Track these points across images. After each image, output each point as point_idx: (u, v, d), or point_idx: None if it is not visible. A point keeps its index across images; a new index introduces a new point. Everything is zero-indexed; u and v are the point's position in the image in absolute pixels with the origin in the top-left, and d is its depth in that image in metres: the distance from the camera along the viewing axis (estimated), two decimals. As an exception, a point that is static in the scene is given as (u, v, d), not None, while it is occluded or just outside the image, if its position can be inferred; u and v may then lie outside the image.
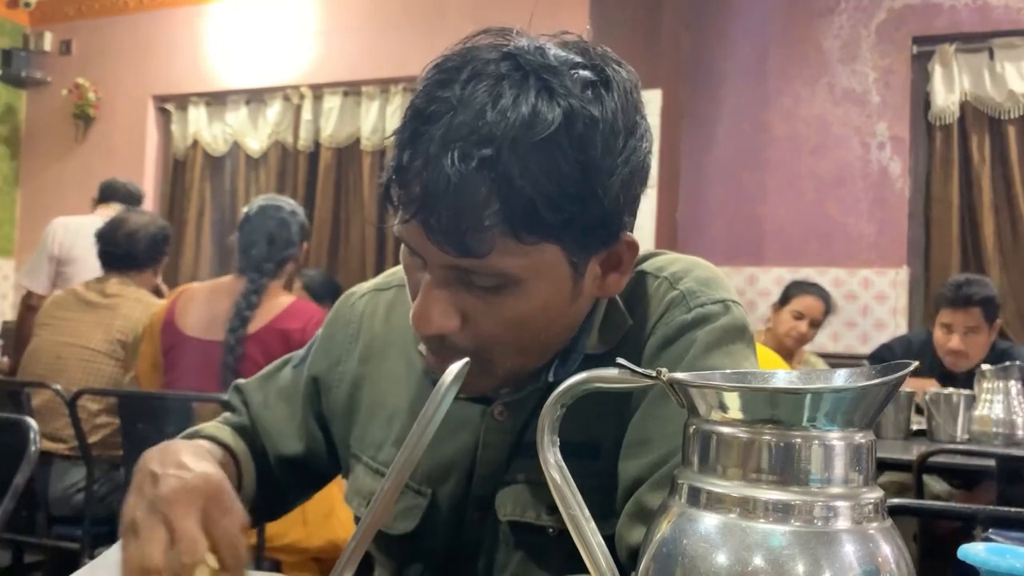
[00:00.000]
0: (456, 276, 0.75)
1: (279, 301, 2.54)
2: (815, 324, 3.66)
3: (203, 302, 2.53)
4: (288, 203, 2.71)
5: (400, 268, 1.03)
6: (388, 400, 0.94)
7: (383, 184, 0.76)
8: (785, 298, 3.70)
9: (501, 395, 0.87)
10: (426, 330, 0.77)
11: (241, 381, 1.07)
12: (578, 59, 0.75)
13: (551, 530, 0.83)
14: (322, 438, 1.00)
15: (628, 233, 0.80)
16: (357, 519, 0.96)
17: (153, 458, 0.76)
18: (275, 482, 1.00)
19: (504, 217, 0.70)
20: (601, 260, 0.80)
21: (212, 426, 1.01)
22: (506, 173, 0.69)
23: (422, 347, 0.81)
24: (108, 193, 4.01)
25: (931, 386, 2.88)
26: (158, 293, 3.08)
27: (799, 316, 3.63)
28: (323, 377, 1.00)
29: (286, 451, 0.99)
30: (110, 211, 3.70)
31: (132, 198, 3.98)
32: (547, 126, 0.70)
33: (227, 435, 0.98)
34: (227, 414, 1.05)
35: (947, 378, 3.08)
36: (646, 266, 0.89)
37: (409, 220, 0.73)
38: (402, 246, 0.80)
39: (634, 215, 0.81)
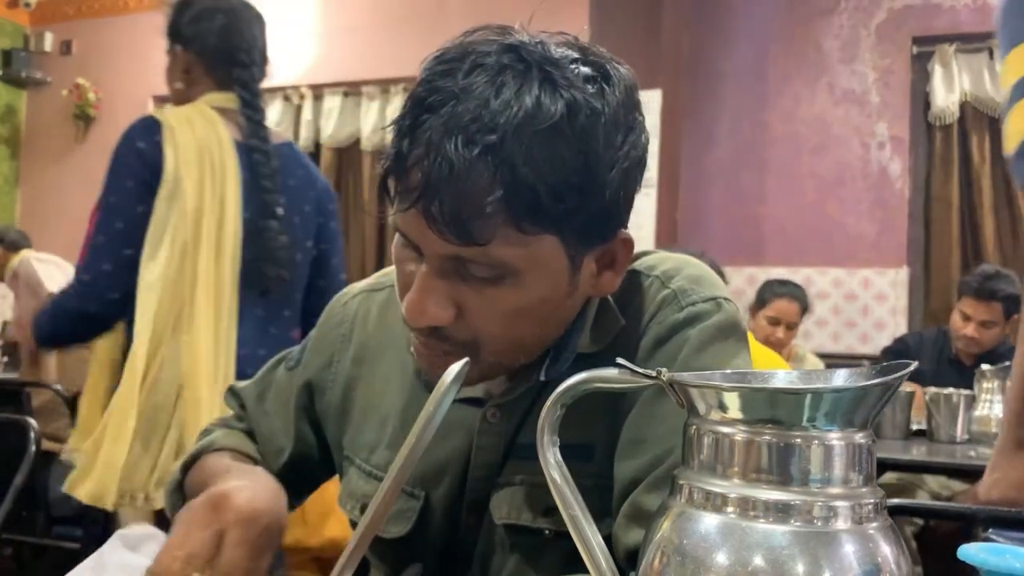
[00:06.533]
0: (453, 267, 0.75)
1: None
2: (792, 327, 3.58)
3: None
4: None
5: (393, 269, 1.03)
6: (381, 402, 0.93)
7: (381, 175, 0.75)
8: (760, 302, 3.62)
9: (494, 397, 0.87)
10: (419, 322, 0.76)
11: (238, 384, 1.06)
12: (577, 55, 0.76)
13: (547, 532, 0.83)
14: (315, 441, 1.00)
15: (624, 231, 0.80)
16: (353, 523, 0.95)
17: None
18: None
19: (506, 205, 0.70)
20: (597, 256, 0.80)
21: (234, 437, 1.00)
22: (510, 160, 0.69)
23: (413, 337, 0.81)
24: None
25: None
26: None
27: (775, 322, 3.55)
28: (316, 380, 0.99)
29: (281, 458, 0.99)
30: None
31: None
32: (550, 116, 0.70)
33: (247, 445, 0.99)
34: (228, 417, 1.05)
35: (957, 373, 3.12)
36: (637, 265, 0.88)
37: (409, 208, 0.73)
38: (395, 238, 0.79)
39: (629, 213, 0.81)
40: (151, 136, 1.74)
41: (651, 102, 4.09)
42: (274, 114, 5.49)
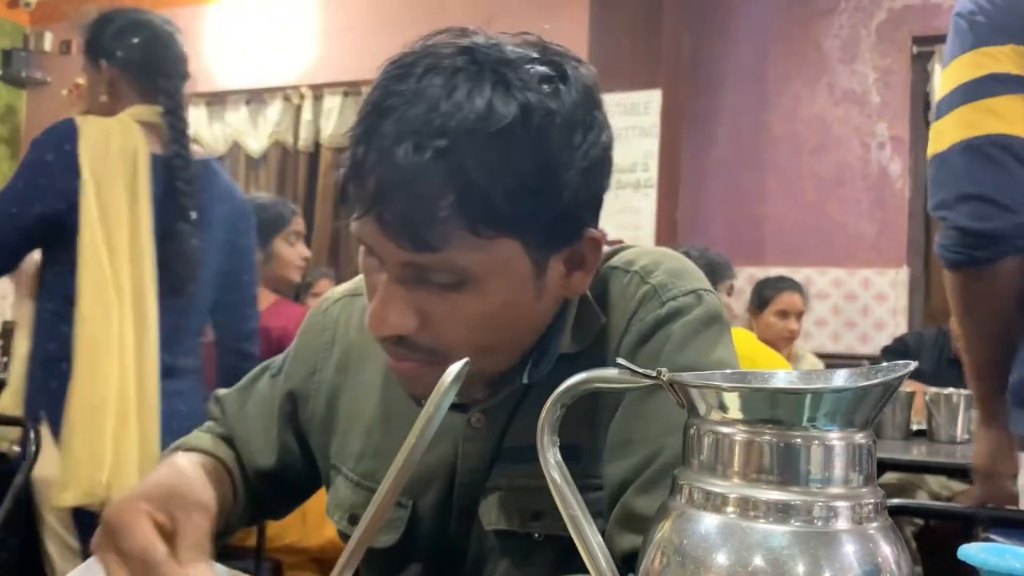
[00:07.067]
0: (413, 274, 0.74)
1: (261, 300, 2.56)
2: (799, 316, 3.66)
3: None
4: (256, 198, 2.82)
5: None
6: (366, 410, 0.92)
7: (340, 182, 0.75)
8: (763, 300, 3.65)
9: (478, 402, 0.85)
10: (381, 331, 0.76)
11: (221, 391, 1.05)
12: (535, 55, 0.75)
13: (537, 535, 0.82)
14: (299, 451, 0.98)
15: (591, 230, 0.79)
16: (341, 534, 0.93)
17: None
18: (254, 493, 0.98)
19: (460, 210, 0.70)
20: (564, 258, 0.79)
21: (195, 436, 0.99)
22: (461, 164, 0.69)
23: (382, 347, 0.80)
24: None
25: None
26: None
27: (784, 315, 3.60)
28: (299, 389, 0.97)
29: (261, 464, 0.97)
30: None
31: None
32: (502, 118, 0.69)
33: (208, 443, 0.97)
34: (209, 423, 1.03)
35: (957, 373, 3.11)
36: (615, 261, 0.87)
37: (364, 216, 0.72)
38: (360, 247, 0.78)
39: (597, 212, 0.80)
40: (63, 145, 1.82)
41: (651, 102, 4.09)
42: (274, 114, 5.49)
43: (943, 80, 1.35)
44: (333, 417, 0.95)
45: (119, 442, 1.78)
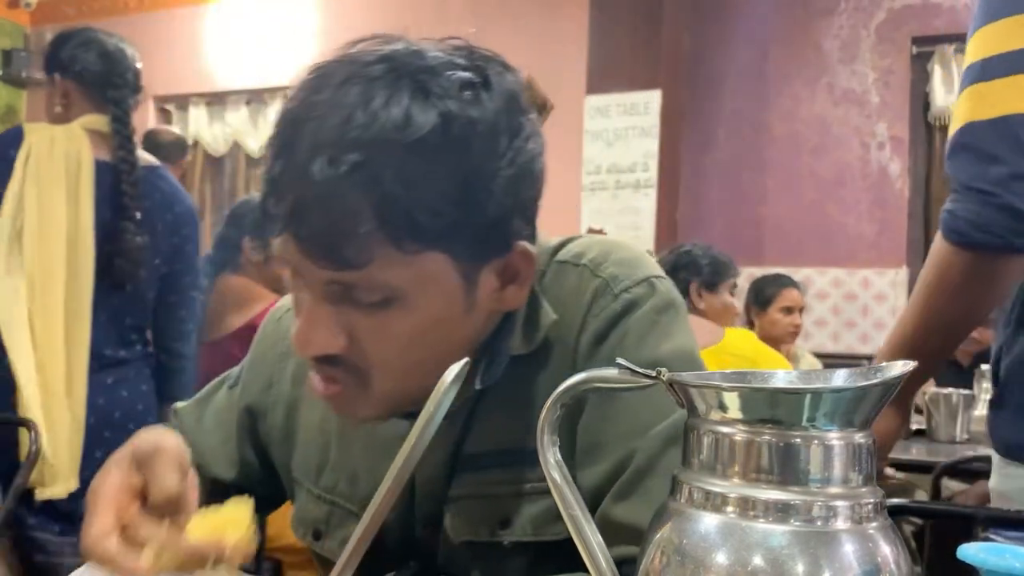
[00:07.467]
0: (338, 292, 0.71)
1: (260, 300, 2.57)
2: (801, 311, 3.70)
3: None
4: (248, 198, 2.94)
5: None
6: (324, 423, 0.90)
7: (260, 198, 0.73)
8: (766, 298, 3.66)
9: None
10: (307, 352, 0.73)
11: (179, 404, 1.03)
12: (459, 60, 0.73)
13: (507, 543, 0.81)
14: (259, 465, 0.96)
15: (522, 243, 0.76)
16: (314, 552, 0.91)
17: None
18: (214, 501, 0.97)
19: (381, 225, 0.67)
20: (496, 270, 0.76)
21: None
22: (378, 178, 0.66)
23: (308, 364, 0.77)
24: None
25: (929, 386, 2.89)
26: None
27: (789, 311, 3.62)
28: (256, 404, 0.95)
29: (220, 476, 0.95)
30: None
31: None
32: (420, 128, 0.67)
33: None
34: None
35: (955, 373, 3.12)
36: (563, 255, 0.85)
37: (283, 234, 0.70)
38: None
39: (530, 222, 0.78)
40: (8, 150, 1.96)
41: (651, 102, 4.09)
42: (274, 114, 5.48)
43: (985, 38, 1.18)
44: (293, 430, 0.93)
45: (44, 426, 1.85)
